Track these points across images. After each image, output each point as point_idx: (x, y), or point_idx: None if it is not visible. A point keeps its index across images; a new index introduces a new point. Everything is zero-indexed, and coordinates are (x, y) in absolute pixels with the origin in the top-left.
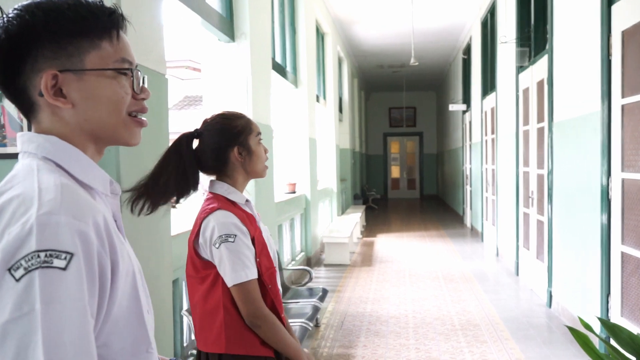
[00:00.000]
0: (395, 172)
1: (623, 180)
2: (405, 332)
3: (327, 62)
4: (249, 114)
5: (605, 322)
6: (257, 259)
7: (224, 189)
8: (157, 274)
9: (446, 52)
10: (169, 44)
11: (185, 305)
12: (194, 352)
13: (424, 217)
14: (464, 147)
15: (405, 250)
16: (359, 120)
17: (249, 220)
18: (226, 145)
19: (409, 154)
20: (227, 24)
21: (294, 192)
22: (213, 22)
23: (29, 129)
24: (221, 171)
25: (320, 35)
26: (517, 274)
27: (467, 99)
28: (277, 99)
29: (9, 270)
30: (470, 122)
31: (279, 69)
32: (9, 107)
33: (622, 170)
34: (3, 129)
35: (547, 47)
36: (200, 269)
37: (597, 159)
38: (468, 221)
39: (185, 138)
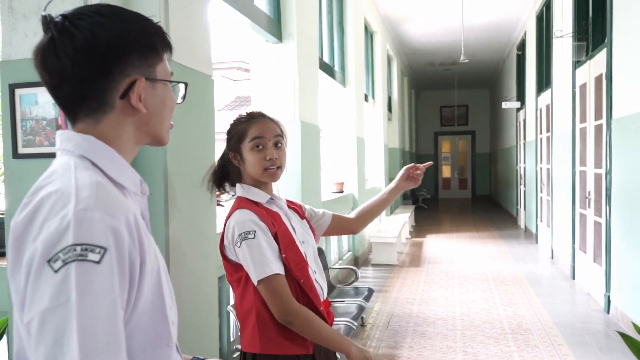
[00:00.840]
0: (446, 171)
1: None
2: (453, 334)
3: (375, 61)
4: (295, 113)
5: (637, 326)
6: (283, 255)
7: (243, 190)
8: (203, 271)
9: (499, 48)
10: (220, 46)
11: (231, 301)
12: (239, 346)
13: (475, 217)
14: (517, 145)
15: (454, 251)
16: (409, 119)
17: (271, 217)
18: (227, 150)
19: (460, 153)
20: (275, 25)
21: (342, 192)
22: (261, 23)
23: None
24: (237, 174)
25: (368, 34)
26: (573, 278)
27: (521, 96)
28: (326, 99)
29: (49, 262)
30: (524, 120)
31: (327, 68)
32: None
33: None
34: (60, 128)
35: (605, 40)
36: (232, 272)
37: None
38: (522, 222)
39: None
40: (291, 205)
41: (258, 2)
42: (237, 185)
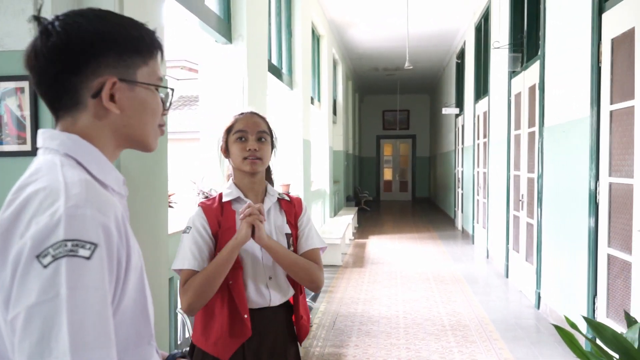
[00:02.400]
0: (387, 174)
1: (610, 185)
2: (396, 332)
3: (322, 64)
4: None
5: (591, 321)
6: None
7: (226, 185)
8: (155, 274)
9: (440, 56)
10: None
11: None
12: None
13: (415, 219)
14: (456, 150)
15: (396, 251)
16: (352, 122)
17: (224, 217)
18: (220, 146)
19: (401, 157)
20: (225, 26)
21: (288, 193)
22: (211, 23)
23: (34, 126)
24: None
25: (315, 38)
26: (507, 276)
27: (460, 103)
28: (273, 101)
29: (37, 257)
30: (462, 126)
31: (275, 70)
32: (12, 105)
33: (610, 175)
34: (6, 126)
35: (539, 53)
36: None
37: (585, 164)
38: (459, 224)
39: None
40: (286, 205)
41: (208, 2)
42: (227, 182)
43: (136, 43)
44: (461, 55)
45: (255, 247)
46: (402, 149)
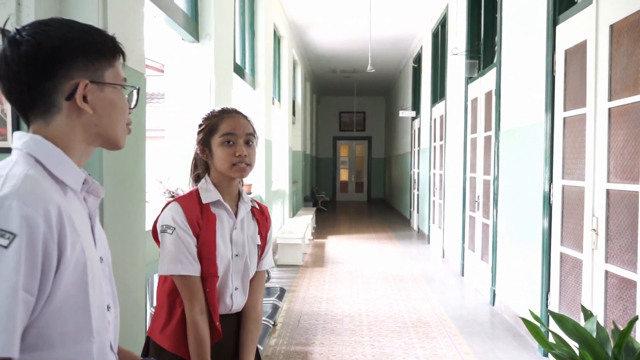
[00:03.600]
0: (344, 175)
1: (563, 187)
2: (360, 329)
3: (282, 65)
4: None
5: (554, 314)
6: (198, 257)
7: (203, 184)
8: (133, 272)
9: (397, 59)
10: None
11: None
12: None
13: (372, 219)
14: (412, 152)
15: (355, 251)
16: (310, 123)
17: (204, 219)
18: (196, 143)
19: (357, 158)
20: (192, 25)
21: (250, 193)
22: (179, 21)
23: (15, 123)
24: (204, 168)
25: (277, 39)
26: (463, 275)
27: (416, 106)
28: (236, 100)
29: None
30: (419, 129)
31: (239, 70)
32: None
33: (563, 178)
34: None
35: (495, 60)
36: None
37: (540, 167)
38: (415, 224)
39: None
40: (259, 214)
41: (176, 0)
42: (203, 180)
43: (101, 47)
44: (418, 59)
45: (229, 256)
46: (358, 151)
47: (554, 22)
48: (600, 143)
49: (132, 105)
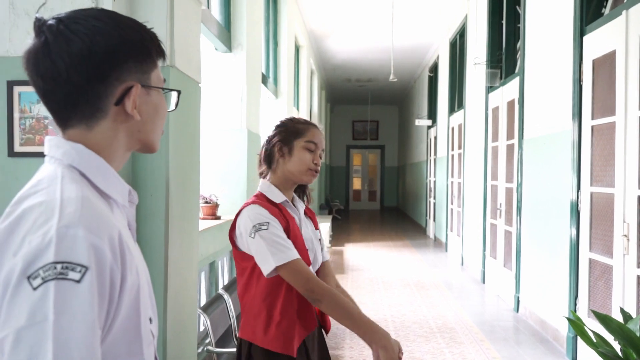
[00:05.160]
0: (357, 183)
1: (592, 194)
2: None
3: (301, 74)
4: (242, 122)
5: (598, 314)
6: None
7: (265, 187)
8: (188, 268)
9: (412, 69)
10: None
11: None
12: (210, 348)
13: (386, 227)
14: (428, 160)
15: (373, 258)
16: (324, 131)
17: (285, 217)
18: (274, 139)
19: (370, 166)
20: (226, 35)
21: None
22: (214, 31)
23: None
24: (270, 165)
25: (297, 48)
26: (483, 282)
27: (432, 115)
28: (262, 109)
29: (28, 278)
30: (435, 137)
31: (263, 79)
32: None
33: (591, 185)
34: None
35: (517, 69)
36: (240, 261)
37: (567, 174)
38: (431, 232)
39: None
40: (309, 212)
41: (212, 11)
42: (261, 181)
43: (149, 47)
44: (434, 68)
45: (318, 251)
46: (371, 159)
47: (581, 32)
48: (631, 150)
49: (172, 109)
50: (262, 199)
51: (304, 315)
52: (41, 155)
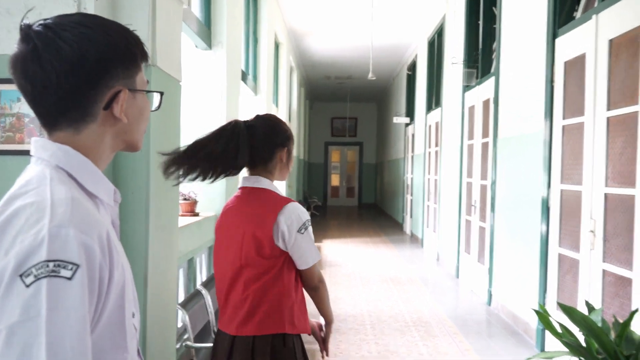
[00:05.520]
0: (335, 180)
1: (562, 191)
2: (364, 328)
3: (280, 71)
4: (222, 120)
5: (563, 306)
6: None
7: (272, 186)
8: (168, 264)
9: (390, 67)
10: None
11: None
12: (189, 343)
13: (364, 224)
14: (405, 158)
15: (351, 254)
16: (303, 128)
17: None
18: (279, 143)
19: (349, 163)
20: (206, 32)
21: None
22: (193, 28)
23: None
24: (263, 165)
25: (276, 45)
26: (458, 277)
27: (410, 113)
28: (241, 106)
29: (21, 276)
30: (413, 135)
31: (243, 76)
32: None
33: (561, 182)
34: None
35: (493, 69)
36: (268, 257)
37: (538, 172)
38: (408, 228)
39: (243, 122)
40: None
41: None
42: (260, 179)
43: (134, 51)
44: (412, 67)
45: None
46: (349, 156)
47: (553, 35)
48: (599, 150)
49: (154, 109)
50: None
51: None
52: (21, 153)
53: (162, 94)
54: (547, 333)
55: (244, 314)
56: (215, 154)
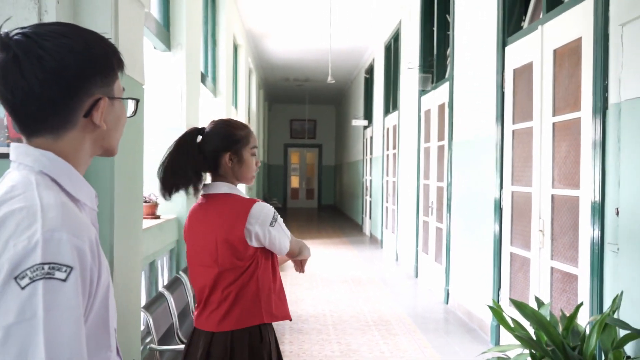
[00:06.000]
0: (294, 182)
1: (513, 193)
2: (326, 328)
3: (239, 72)
4: (182, 122)
5: (515, 301)
6: None
7: (234, 189)
8: (131, 266)
9: (349, 70)
10: None
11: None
12: (153, 346)
13: (324, 225)
14: (364, 160)
15: (312, 256)
16: (262, 130)
17: None
18: (223, 147)
19: (308, 165)
20: (164, 34)
21: None
22: (152, 30)
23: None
24: (215, 171)
25: (235, 47)
26: (417, 276)
27: (368, 116)
28: (201, 108)
29: (15, 278)
30: (371, 137)
31: (203, 78)
32: None
33: (512, 184)
34: (6, 129)
35: (447, 75)
36: (242, 257)
37: (491, 174)
38: (367, 229)
39: (191, 133)
40: None
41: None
42: (223, 184)
43: (112, 60)
44: (370, 70)
45: None
46: (308, 158)
47: (503, 43)
48: (546, 153)
49: (130, 115)
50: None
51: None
52: None
53: (137, 100)
54: (502, 329)
55: (224, 311)
56: (178, 168)
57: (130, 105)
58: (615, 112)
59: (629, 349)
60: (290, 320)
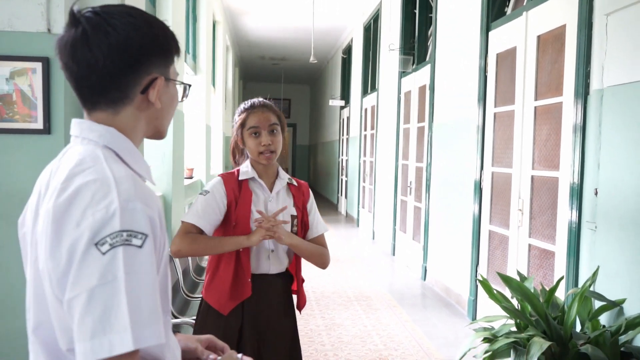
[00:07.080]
0: None
1: (493, 174)
2: (309, 304)
3: (217, 50)
4: None
5: (502, 275)
6: (234, 223)
7: (241, 166)
8: None
9: (325, 50)
10: None
11: None
12: None
13: None
14: (340, 140)
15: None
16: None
17: (241, 192)
18: (235, 134)
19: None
20: (151, 10)
21: (192, 177)
22: (140, 5)
23: (46, 106)
24: (242, 154)
25: (213, 24)
26: (394, 254)
27: (345, 96)
28: None
29: (96, 245)
30: (348, 118)
31: (183, 55)
32: (22, 84)
33: (493, 165)
34: (15, 105)
35: (429, 57)
36: None
37: (472, 156)
38: (343, 208)
39: None
40: (295, 189)
41: None
42: (247, 160)
43: (172, 43)
44: (348, 51)
45: (286, 218)
46: None
47: (487, 28)
48: (527, 136)
49: (181, 99)
50: (231, 174)
51: (236, 283)
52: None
53: (189, 86)
54: (479, 303)
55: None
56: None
57: (180, 90)
58: (598, 98)
59: (603, 319)
60: (225, 315)
